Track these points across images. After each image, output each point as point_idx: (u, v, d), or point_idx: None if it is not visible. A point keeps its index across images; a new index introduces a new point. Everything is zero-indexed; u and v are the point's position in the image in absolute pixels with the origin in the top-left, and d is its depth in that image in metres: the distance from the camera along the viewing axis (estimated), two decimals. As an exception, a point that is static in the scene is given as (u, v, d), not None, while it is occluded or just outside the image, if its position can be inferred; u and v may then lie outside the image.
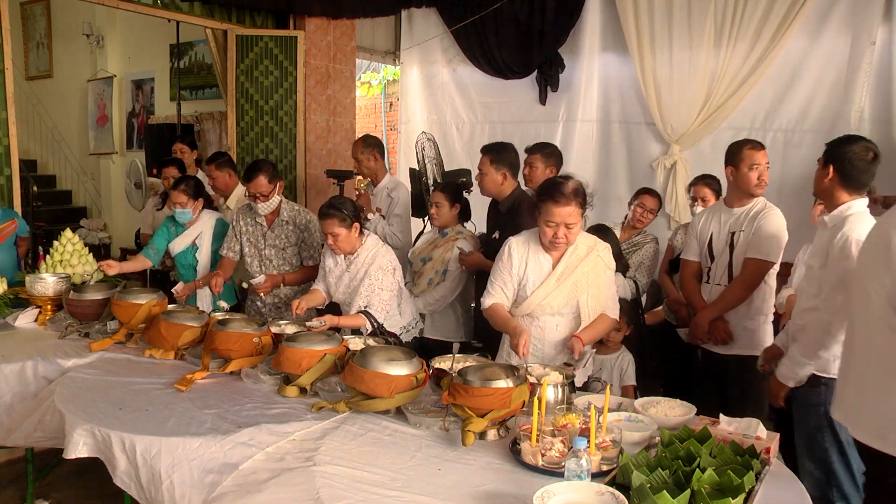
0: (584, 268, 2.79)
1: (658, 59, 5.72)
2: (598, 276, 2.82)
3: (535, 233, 2.86)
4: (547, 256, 2.83)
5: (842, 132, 4.94)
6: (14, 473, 3.74)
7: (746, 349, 3.26)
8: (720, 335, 3.28)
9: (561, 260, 2.81)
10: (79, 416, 2.31)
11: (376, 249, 3.41)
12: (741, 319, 3.27)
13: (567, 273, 2.79)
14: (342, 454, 2.06)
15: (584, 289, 2.79)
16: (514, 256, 2.85)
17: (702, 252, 3.44)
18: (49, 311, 3.56)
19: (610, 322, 2.91)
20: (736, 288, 3.26)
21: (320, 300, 3.52)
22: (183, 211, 4.00)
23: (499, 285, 2.89)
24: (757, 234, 3.21)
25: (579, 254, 2.81)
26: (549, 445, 1.97)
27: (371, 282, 3.35)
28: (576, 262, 2.80)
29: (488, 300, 2.89)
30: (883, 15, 4.88)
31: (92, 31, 9.22)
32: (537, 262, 2.83)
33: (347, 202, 3.37)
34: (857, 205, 2.67)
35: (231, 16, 6.02)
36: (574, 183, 2.73)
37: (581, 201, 2.72)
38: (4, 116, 4.80)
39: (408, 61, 7.29)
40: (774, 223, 3.21)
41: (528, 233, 2.92)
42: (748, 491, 1.72)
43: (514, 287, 2.87)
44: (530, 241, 2.86)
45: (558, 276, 2.79)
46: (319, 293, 3.51)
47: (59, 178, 10.03)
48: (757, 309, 3.26)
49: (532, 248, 2.85)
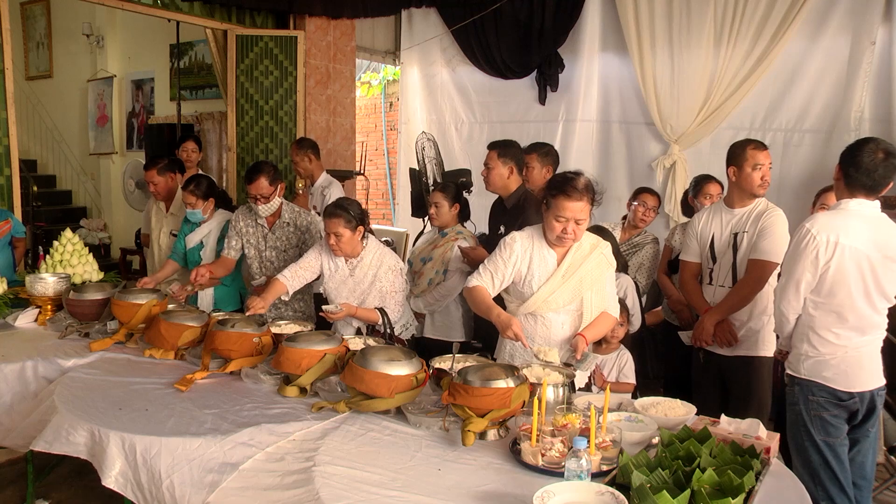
0: (588, 265, 2.78)
1: (658, 59, 5.73)
2: (601, 274, 2.81)
3: (539, 228, 2.84)
4: (552, 252, 2.81)
5: (842, 132, 4.99)
6: (14, 473, 3.74)
7: (750, 350, 3.26)
8: (725, 337, 3.27)
9: (566, 256, 2.79)
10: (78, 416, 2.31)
11: (381, 251, 3.40)
12: (745, 321, 3.26)
13: (572, 269, 2.77)
14: (342, 454, 2.06)
15: (589, 286, 2.78)
16: (516, 250, 2.81)
17: (703, 253, 3.42)
18: (49, 311, 3.56)
19: (611, 321, 2.91)
20: (742, 290, 3.24)
21: (282, 290, 3.34)
22: (193, 211, 3.99)
23: (490, 271, 2.84)
24: (762, 235, 3.19)
25: (584, 251, 2.80)
26: (549, 445, 1.96)
27: (382, 285, 3.33)
28: (580, 258, 2.78)
29: (474, 281, 2.85)
30: (883, 15, 4.88)
31: (92, 31, 9.22)
32: (542, 258, 2.80)
33: (355, 204, 3.34)
34: (851, 204, 2.63)
35: (231, 16, 6.02)
36: (586, 178, 2.72)
37: (592, 197, 2.71)
38: (4, 116, 4.80)
39: (408, 61, 7.30)
40: (779, 224, 3.20)
41: (531, 228, 2.90)
42: (748, 491, 1.72)
43: (504, 279, 2.82)
44: (534, 237, 2.84)
45: (564, 273, 2.77)
46: (282, 284, 3.32)
47: (59, 178, 10.03)
48: (761, 310, 3.24)
49: (536, 243, 2.82)
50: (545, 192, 2.78)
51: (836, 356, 2.60)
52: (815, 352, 2.63)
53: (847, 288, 2.57)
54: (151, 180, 4.42)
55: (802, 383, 2.67)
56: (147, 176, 4.44)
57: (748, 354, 3.26)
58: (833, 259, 2.56)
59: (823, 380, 2.62)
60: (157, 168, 4.41)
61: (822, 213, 2.75)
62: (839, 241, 2.55)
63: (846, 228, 2.57)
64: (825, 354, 2.62)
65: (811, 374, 2.64)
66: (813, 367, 2.64)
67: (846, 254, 2.55)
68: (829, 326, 2.62)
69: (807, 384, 2.65)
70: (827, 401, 2.61)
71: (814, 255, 2.58)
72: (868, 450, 2.72)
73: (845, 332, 2.60)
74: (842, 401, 2.60)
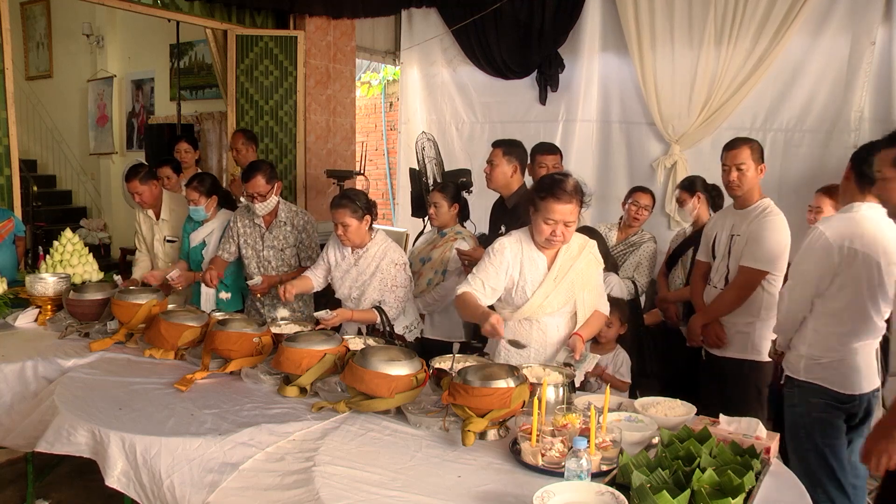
0: (578, 265, 2.77)
1: (658, 59, 5.72)
2: (591, 273, 2.82)
3: (527, 231, 2.82)
4: (541, 256, 2.79)
5: (842, 132, 4.99)
6: (14, 473, 3.75)
7: (740, 353, 3.28)
8: (713, 339, 3.30)
9: (556, 259, 2.78)
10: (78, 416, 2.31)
11: (387, 244, 3.41)
12: (735, 323, 3.28)
13: (563, 272, 2.76)
14: (342, 454, 2.06)
15: (581, 287, 2.78)
16: (507, 256, 2.77)
17: (707, 253, 3.48)
18: (49, 311, 3.56)
19: (603, 318, 2.94)
20: (727, 295, 3.26)
21: (309, 287, 3.51)
22: (196, 209, 3.98)
23: (480, 279, 2.76)
24: (752, 240, 3.18)
25: (573, 252, 2.79)
26: (549, 445, 1.96)
27: (384, 277, 3.35)
28: (570, 260, 2.78)
29: (463, 288, 2.78)
30: (883, 15, 4.87)
31: (92, 31, 9.22)
32: (532, 262, 2.78)
33: (361, 195, 3.37)
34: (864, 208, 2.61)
35: (231, 16, 6.02)
36: (574, 180, 2.70)
37: (580, 199, 2.70)
38: (4, 116, 4.80)
39: (408, 61, 7.29)
40: (771, 229, 3.16)
41: (518, 232, 2.85)
42: (748, 491, 1.72)
43: (497, 287, 2.77)
44: (523, 241, 2.81)
45: (555, 276, 2.76)
46: (309, 280, 3.51)
47: (59, 178, 10.03)
48: (753, 314, 3.24)
49: (525, 247, 2.79)
50: (533, 195, 2.75)
51: (836, 359, 2.60)
52: (815, 354, 2.63)
53: (855, 294, 2.55)
54: (135, 191, 4.18)
55: (802, 385, 2.66)
56: (130, 187, 4.19)
57: (738, 357, 3.28)
58: (845, 264, 2.54)
59: (823, 382, 2.61)
60: (138, 178, 4.17)
61: (836, 217, 2.73)
62: (853, 247, 2.53)
63: (861, 234, 2.55)
64: (825, 357, 2.61)
65: (810, 377, 2.64)
66: (812, 370, 2.64)
67: (859, 259, 2.53)
68: (831, 329, 2.61)
69: (806, 386, 2.65)
70: (826, 403, 2.61)
71: (827, 258, 2.56)
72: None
73: (847, 337, 2.59)
74: (841, 403, 2.60)
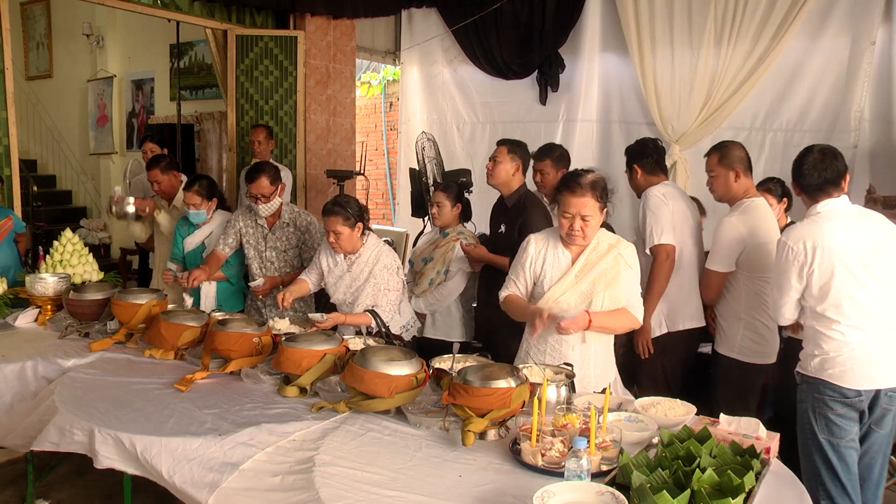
0: (603, 264, 2.68)
1: (658, 59, 5.72)
2: (617, 275, 2.69)
3: (557, 229, 2.83)
4: (566, 252, 2.75)
5: (842, 132, 4.99)
6: (14, 473, 3.74)
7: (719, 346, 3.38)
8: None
9: (580, 256, 2.72)
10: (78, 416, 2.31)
11: (379, 249, 3.40)
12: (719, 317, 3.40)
13: (586, 270, 2.69)
14: (342, 454, 2.06)
15: (603, 287, 2.68)
16: (530, 251, 2.81)
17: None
18: (49, 311, 3.56)
19: (630, 319, 2.72)
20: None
21: (306, 290, 3.52)
22: (197, 212, 3.96)
23: (513, 279, 2.86)
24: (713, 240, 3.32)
25: (600, 250, 2.72)
26: (549, 445, 1.96)
27: (377, 281, 3.34)
28: (595, 258, 2.70)
29: (504, 292, 2.87)
30: (883, 15, 4.87)
31: (92, 31, 9.22)
32: (556, 258, 2.76)
33: (352, 201, 3.35)
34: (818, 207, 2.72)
35: (231, 16, 6.02)
36: (593, 175, 2.68)
37: (599, 195, 2.64)
38: (4, 116, 4.81)
39: (408, 61, 7.29)
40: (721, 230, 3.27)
41: (549, 230, 2.91)
42: (748, 491, 1.72)
43: (526, 283, 2.83)
44: (550, 237, 2.81)
45: (577, 273, 2.70)
46: (306, 283, 3.51)
47: (59, 178, 10.02)
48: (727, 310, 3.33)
49: (552, 243, 2.79)
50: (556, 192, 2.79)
51: (843, 353, 2.61)
52: (822, 350, 2.65)
53: (838, 286, 2.59)
54: (155, 179, 4.28)
55: (810, 381, 2.68)
56: (151, 175, 4.30)
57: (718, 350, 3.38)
58: (815, 263, 2.61)
59: (829, 377, 2.62)
60: (160, 166, 4.27)
61: (796, 224, 2.86)
62: (817, 245, 2.60)
63: (821, 231, 2.63)
64: (831, 352, 2.63)
65: (818, 372, 2.66)
66: (820, 365, 2.65)
67: (826, 255, 2.59)
68: (832, 325, 2.62)
69: (814, 382, 2.66)
70: (832, 399, 2.61)
71: (795, 264, 2.65)
72: (878, 452, 2.71)
73: (850, 330, 2.60)
74: (847, 398, 2.60)
